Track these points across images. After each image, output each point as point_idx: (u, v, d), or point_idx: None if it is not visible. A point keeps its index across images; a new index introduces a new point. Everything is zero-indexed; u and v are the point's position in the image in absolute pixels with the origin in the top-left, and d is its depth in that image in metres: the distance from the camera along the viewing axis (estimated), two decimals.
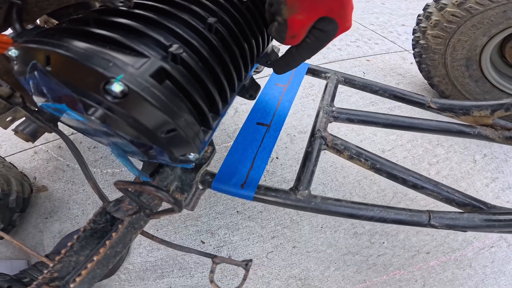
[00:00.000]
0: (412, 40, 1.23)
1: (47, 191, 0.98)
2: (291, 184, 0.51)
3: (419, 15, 1.18)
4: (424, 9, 1.15)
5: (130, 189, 0.32)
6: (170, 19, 0.33)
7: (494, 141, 0.61)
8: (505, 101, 0.60)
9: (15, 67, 0.29)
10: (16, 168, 0.95)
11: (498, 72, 1.14)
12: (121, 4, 0.32)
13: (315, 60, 1.58)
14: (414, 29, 1.21)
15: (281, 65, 0.44)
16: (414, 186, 0.48)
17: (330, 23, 0.34)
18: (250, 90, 0.48)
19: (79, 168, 1.04)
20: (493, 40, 1.05)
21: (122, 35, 0.26)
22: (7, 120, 0.69)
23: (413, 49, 1.24)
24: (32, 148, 1.11)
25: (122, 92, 0.23)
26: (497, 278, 0.86)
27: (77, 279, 0.37)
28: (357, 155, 0.50)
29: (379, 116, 0.57)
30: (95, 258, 0.36)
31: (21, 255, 0.87)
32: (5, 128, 0.69)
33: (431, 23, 1.10)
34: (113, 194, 0.95)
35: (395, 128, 0.57)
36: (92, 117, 0.25)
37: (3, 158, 0.94)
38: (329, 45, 1.76)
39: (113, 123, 0.26)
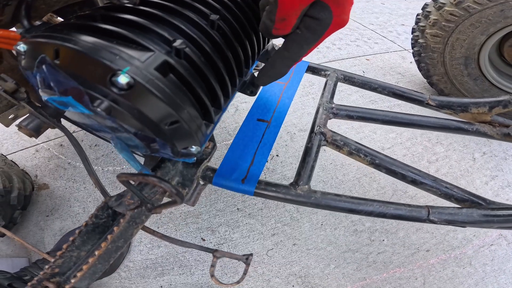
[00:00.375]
0: (411, 39, 1.24)
1: (48, 189, 0.98)
2: (290, 181, 0.52)
3: (418, 15, 1.19)
4: (423, 8, 1.16)
5: (133, 182, 0.33)
6: (174, 16, 0.34)
7: (493, 138, 0.62)
8: (503, 98, 0.61)
9: (23, 62, 0.29)
10: (18, 166, 0.96)
11: (496, 70, 1.15)
12: (126, 1, 0.33)
13: (314, 59, 1.59)
14: (413, 28, 1.22)
15: (266, 71, 0.39)
16: (413, 182, 0.49)
17: (324, 9, 0.31)
18: (251, 86, 0.48)
19: (81, 166, 1.05)
20: (491, 39, 1.05)
21: (128, 30, 0.27)
22: (9, 118, 0.69)
23: (412, 48, 1.25)
24: (33, 146, 1.12)
25: (128, 84, 0.23)
26: (497, 277, 0.86)
27: (78, 274, 0.38)
28: (357, 151, 0.50)
29: (378, 112, 0.58)
30: (96, 252, 0.36)
31: (22, 253, 0.87)
32: (7, 126, 0.70)
33: (430, 22, 1.11)
34: (114, 192, 0.96)
35: (393, 125, 0.57)
36: (98, 109, 0.26)
37: (5, 156, 0.94)
38: (329, 44, 1.77)
39: (118, 115, 0.27)
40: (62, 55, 0.25)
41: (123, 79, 0.23)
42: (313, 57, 1.61)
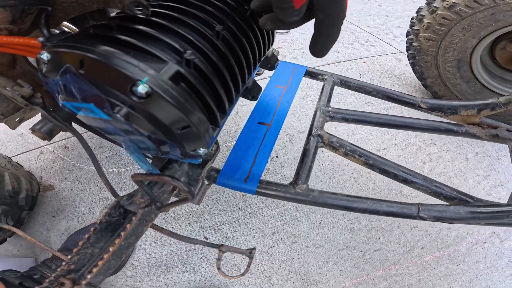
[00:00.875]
0: (406, 42, 1.27)
1: (53, 190, 1.01)
2: (289, 181, 0.54)
3: (412, 18, 1.22)
4: (417, 12, 1.19)
5: (147, 181, 0.36)
6: (183, 26, 0.37)
7: (481, 139, 0.65)
8: (491, 101, 0.64)
9: (44, 69, 0.32)
10: (23, 167, 0.98)
11: (489, 73, 1.18)
12: (139, 12, 0.35)
13: (313, 62, 1.62)
14: (408, 32, 1.25)
15: (322, 43, 0.36)
16: (405, 181, 0.52)
17: None
18: (253, 91, 0.51)
19: (85, 167, 1.07)
20: (483, 42, 1.08)
21: (143, 41, 0.30)
22: (16, 120, 0.72)
23: (407, 51, 1.28)
24: (37, 148, 1.14)
25: (146, 93, 0.26)
26: (490, 274, 0.89)
27: (94, 270, 0.40)
28: (352, 152, 0.53)
29: (372, 115, 0.61)
30: (111, 248, 0.39)
31: (28, 253, 0.89)
32: (14, 128, 0.72)
33: (424, 26, 1.14)
34: (120, 192, 0.98)
35: (387, 127, 0.61)
36: (118, 115, 0.28)
37: (10, 158, 0.96)
38: None
39: (135, 120, 0.30)
40: (87, 65, 0.28)
41: (142, 89, 0.26)
42: (311, 59, 1.65)
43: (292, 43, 1.83)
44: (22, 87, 0.48)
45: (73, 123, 0.55)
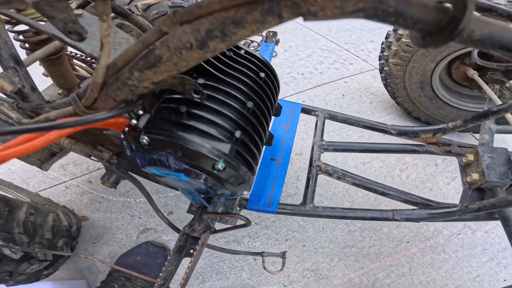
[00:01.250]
0: (379, 65, 1.46)
1: (88, 220, 1.13)
2: (294, 197, 0.70)
3: (382, 43, 1.39)
4: (386, 38, 1.36)
5: (214, 217, 0.54)
6: (227, 107, 0.53)
7: (438, 154, 0.86)
8: (442, 126, 0.85)
9: (141, 148, 0.48)
10: (55, 203, 1.10)
11: (448, 90, 1.40)
12: (197, 97, 0.51)
13: (301, 86, 1.81)
14: (379, 56, 1.43)
15: None
16: (382, 193, 0.72)
17: None
18: (268, 139, 0.70)
19: (114, 199, 1.22)
20: (440, 64, 1.26)
21: (210, 127, 0.47)
22: (51, 164, 0.88)
23: (380, 73, 1.46)
24: (62, 183, 1.25)
25: (223, 168, 0.44)
26: (469, 261, 1.05)
27: (182, 281, 0.56)
28: (343, 176, 0.73)
29: (356, 145, 0.81)
30: (189, 265, 0.56)
31: (76, 276, 1.02)
32: (47, 170, 0.87)
33: (392, 52, 1.32)
34: (150, 219, 1.13)
35: (367, 152, 0.81)
36: (200, 180, 0.46)
37: (40, 194, 1.08)
38: (312, 69, 2.01)
39: (209, 181, 0.48)
40: (184, 152, 0.45)
41: (221, 166, 0.44)
42: (299, 83, 1.83)
43: (281, 68, 2.02)
44: (102, 152, 0.65)
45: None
